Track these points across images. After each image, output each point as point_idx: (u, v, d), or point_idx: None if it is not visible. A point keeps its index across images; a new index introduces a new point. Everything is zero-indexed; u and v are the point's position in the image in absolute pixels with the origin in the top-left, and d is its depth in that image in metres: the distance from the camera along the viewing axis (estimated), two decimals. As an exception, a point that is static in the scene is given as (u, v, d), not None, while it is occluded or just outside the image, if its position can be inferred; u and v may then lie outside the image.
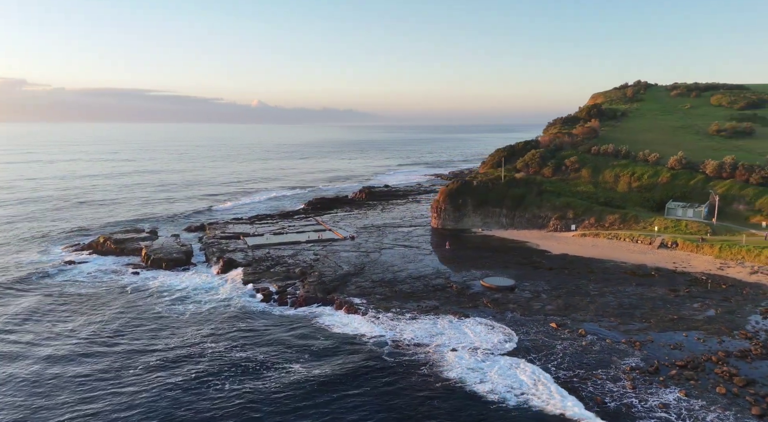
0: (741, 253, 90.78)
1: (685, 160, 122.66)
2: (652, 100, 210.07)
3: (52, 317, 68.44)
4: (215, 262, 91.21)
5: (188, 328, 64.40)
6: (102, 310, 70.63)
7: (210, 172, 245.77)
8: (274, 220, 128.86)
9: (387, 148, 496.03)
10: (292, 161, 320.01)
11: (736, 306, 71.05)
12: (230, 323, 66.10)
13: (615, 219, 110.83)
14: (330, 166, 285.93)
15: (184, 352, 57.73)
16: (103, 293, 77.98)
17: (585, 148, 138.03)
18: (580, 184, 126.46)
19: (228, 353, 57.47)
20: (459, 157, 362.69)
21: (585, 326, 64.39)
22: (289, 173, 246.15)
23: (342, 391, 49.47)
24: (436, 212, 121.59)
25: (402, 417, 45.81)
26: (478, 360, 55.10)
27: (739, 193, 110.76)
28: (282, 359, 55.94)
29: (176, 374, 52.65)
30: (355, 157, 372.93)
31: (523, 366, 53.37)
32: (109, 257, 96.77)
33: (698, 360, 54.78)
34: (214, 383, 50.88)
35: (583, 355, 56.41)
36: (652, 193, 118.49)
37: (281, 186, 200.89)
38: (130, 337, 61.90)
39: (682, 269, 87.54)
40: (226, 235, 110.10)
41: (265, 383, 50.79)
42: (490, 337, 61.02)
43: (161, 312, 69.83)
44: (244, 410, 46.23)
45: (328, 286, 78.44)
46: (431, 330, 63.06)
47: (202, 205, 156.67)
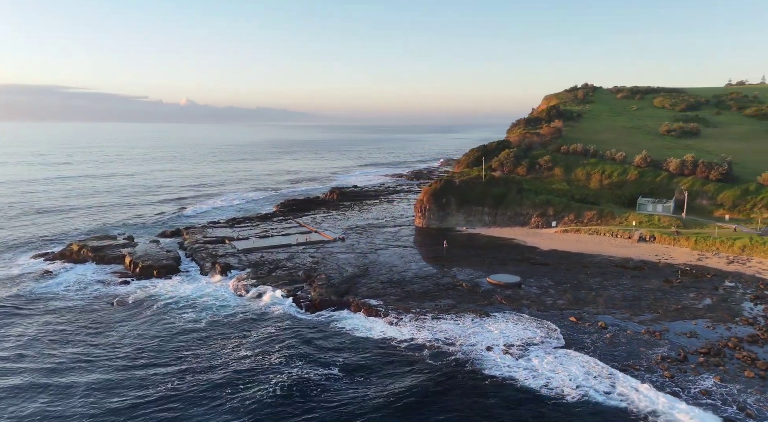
0: (715, 245, 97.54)
1: (650, 159, 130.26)
2: (601, 102, 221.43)
3: (57, 337, 62.62)
4: (210, 268, 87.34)
5: (215, 339, 61.21)
6: (109, 325, 65.77)
7: (162, 175, 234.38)
8: (254, 223, 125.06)
9: (335, 148, 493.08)
10: (246, 163, 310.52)
11: (727, 294, 76.23)
12: (252, 330, 63.68)
13: (593, 215, 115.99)
14: (286, 167, 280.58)
15: (228, 366, 54.86)
16: (99, 305, 72.84)
17: (554, 148, 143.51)
18: (554, 182, 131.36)
19: (270, 363, 55.28)
20: (411, 157, 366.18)
21: (601, 319, 67.00)
22: (247, 175, 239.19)
23: (399, 398, 48.82)
24: (420, 212, 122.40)
25: (461, 418, 45.87)
26: (519, 356, 56.06)
27: (702, 188, 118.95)
28: (325, 372, 54.41)
29: (245, 391, 49.87)
30: (307, 157, 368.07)
31: (567, 360, 54.85)
32: (88, 266, 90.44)
33: (717, 347, 58.39)
34: (284, 398, 48.89)
35: (612, 347, 58.66)
36: (622, 189, 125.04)
37: (244, 188, 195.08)
38: (163, 355, 57.49)
39: (666, 261, 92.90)
40: (209, 240, 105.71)
41: (329, 395, 49.40)
42: (520, 333, 62.22)
43: (175, 322, 66.05)
44: None
45: (338, 289, 77.13)
46: (459, 329, 63.45)
47: (166, 209, 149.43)
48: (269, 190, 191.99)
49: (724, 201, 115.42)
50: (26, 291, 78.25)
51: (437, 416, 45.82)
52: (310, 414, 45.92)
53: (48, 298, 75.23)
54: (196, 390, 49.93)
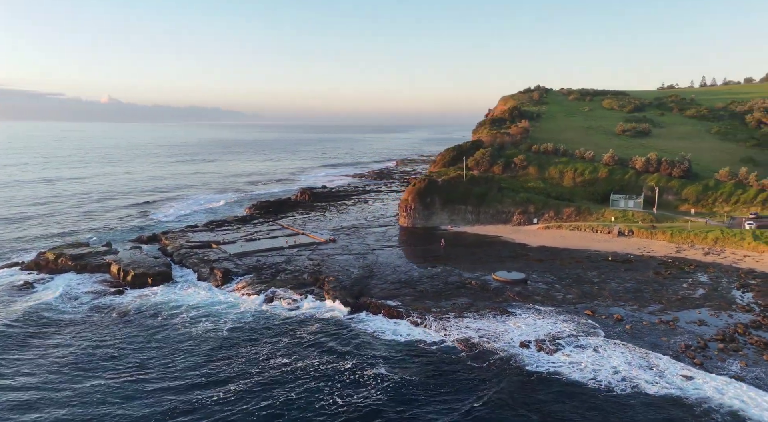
0: (690, 237, 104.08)
1: (617, 157, 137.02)
2: (555, 103, 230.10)
3: (72, 359, 57.30)
4: (209, 274, 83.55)
5: (245, 348, 58.72)
6: (125, 341, 61.46)
7: (109, 179, 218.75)
8: (233, 226, 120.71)
9: (283, 149, 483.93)
10: (196, 164, 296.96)
11: (715, 284, 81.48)
12: (280, 336, 61.58)
13: (571, 212, 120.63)
14: (241, 169, 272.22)
15: (270, 375, 52.85)
16: (100, 317, 67.99)
17: (525, 147, 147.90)
18: (529, 180, 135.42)
19: (315, 369, 53.65)
20: (364, 158, 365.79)
21: (614, 311, 69.91)
22: (204, 177, 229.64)
23: (463, 401, 48.78)
24: (405, 211, 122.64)
25: (518, 415, 46.43)
26: (553, 350, 57.43)
27: (667, 184, 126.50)
28: (374, 373, 53.47)
29: (275, 398, 48.13)
30: (258, 158, 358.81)
31: (603, 352, 56.76)
32: (70, 276, 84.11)
33: (729, 334, 62.36)
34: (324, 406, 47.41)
35: (636, 338, 61.20)
36: (594, 187, 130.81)
37: (207, 191, 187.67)
38: (200, 371, 54.06)
39: (649, 254, 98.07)
40: (195, 245, 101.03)
41: (371, 395, 48.48)
42: (547, 328, 63.78)
43: (193, 332, 62.78)
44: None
45: (351, 290, 76.03)
46: (485, 327, 64.22)
47: (130, 214, 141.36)
48: (233, 191, 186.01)
49: (688, 196, 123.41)
50: (13, 306, 71.73)
51: (497, 415, 46.15)
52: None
53: (41, 313, 69.31)
54: (253, 403, 47.75)
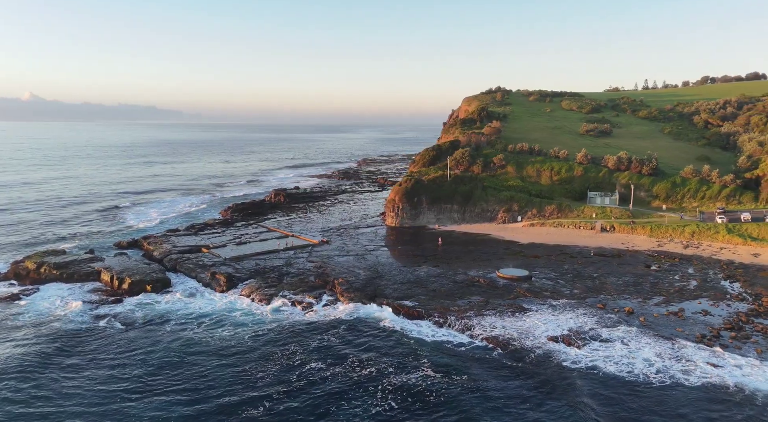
0: (668, 232, 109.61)
1: (590, 156, 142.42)
2: (517, 104, 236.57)
3: (94, 371, 54.02)
4: (210, 279, 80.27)
5: (274, 355, 56.80)
6: (144, 352, 58.08)
7: (65, 183, 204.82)
8: (217, 230, 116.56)
9: (236, 149, 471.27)
10: (155, 166, 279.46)
11: (703, 275, 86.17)
12: (307, 341, 60.02)
13: (552, 209, 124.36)
14: (201, 170, 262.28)
15: (309, 381, 51.37)
16: (107, 329, 63.97)
17: (501, 146, 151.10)
18: (508, 179, 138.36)
19: (356, 373, 52.59)
20: (323, 158, 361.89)
21: (622, 304, 72.58)
22: (166, 179, 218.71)
23: (513, 401, 49.16)
24: (393, 211, 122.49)
25: (562, 411, 47.33)
26: (582, 345, 58.99)
27: (638, 182, 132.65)
28: (420, 375, 53.08)
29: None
30: (215, 159, 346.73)
31: (630, 344, 58.76)
32: (57, 285, 78.74)
33: (734, 322, 66.16)
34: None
35: (653, 330, 63.58)
36: (571, 184, 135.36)
37: (175, 194, 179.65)
38: (226, 381, 51.81)
39: (633, 249, 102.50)
40: (184, 249, 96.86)
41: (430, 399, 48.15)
42: (568, 323, 65.39)
43: (213, 342, 60.03)
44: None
45: (365, 292, 75.14)
46: (508, 325, 65.13)
47: (99, 219, 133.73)
48: (199, 194, 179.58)
49: (659, 193, 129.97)
50: (10, 320, 66.30)
51: (553, 414, 46.84)
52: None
53: (43, 324, 64.50)
54: (305, 413, 46.32)
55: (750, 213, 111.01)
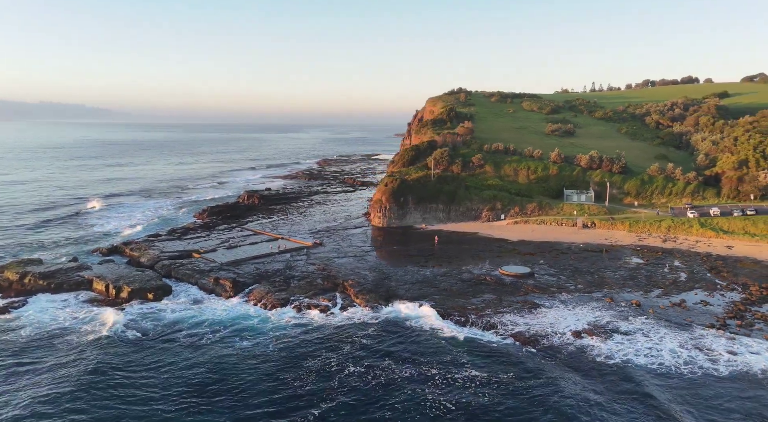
0: (646, 227, 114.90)
1: (563, 155, 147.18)
2: (480, 105, 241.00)
3: (116, 385, 50.45)
4: (213, 285, 76.92)
5: (305, 363, 55.10)
6: (165, 365, 54.81)
7: (11, 189, 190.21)
8: (201, 234, 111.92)
9: (185, 150, 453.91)
10: (105, 170, 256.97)
11: (689, 267, 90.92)
12: (340, 345, 58.68)
13: (534, 207, 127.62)
14: (157, 173, 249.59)
15: (346, 388, 50.19)
16: (120, 340, 59.94)
17: (476, 146, 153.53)
18: (487, 178, 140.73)
19: (387, 378, 51.79)
20: (281, 158, 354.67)
21: (626, 297, 75.38)
22: (123, 183, 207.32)
23: (564, 397, 49.86)
24: (380, 211, 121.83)
25: (604, 405, 48.71)
26: (606, 338, 60.74)
27: (610, 179, 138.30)
28: (465, 376, 52.92)
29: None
30: (167, 161, 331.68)
31: (651, 336, 60.98)
32: (46, 296, 73.25)
33: (735, 311, 70.10)
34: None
35: (665, 321, 66.27)
36: (547, 183, 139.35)
37: (137, 197, 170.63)
38: (265, 392, 49.78)
39: (618, 244, 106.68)
40: (173, 255, 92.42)
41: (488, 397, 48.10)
42: (586, 317, 67.21)
43: (236, 352, 57.51)
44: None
45: (379, 293, 74.33)
46: (529, 321, 66.19)
47: (66, 226, 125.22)
48: (163, 197, 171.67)
49: (630, 190, 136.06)
50: (10, 337, 61.00)
51: (607, 409, 47.91)
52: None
53: (46, 338, 59.70)
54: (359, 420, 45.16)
55: (719, 208, 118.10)
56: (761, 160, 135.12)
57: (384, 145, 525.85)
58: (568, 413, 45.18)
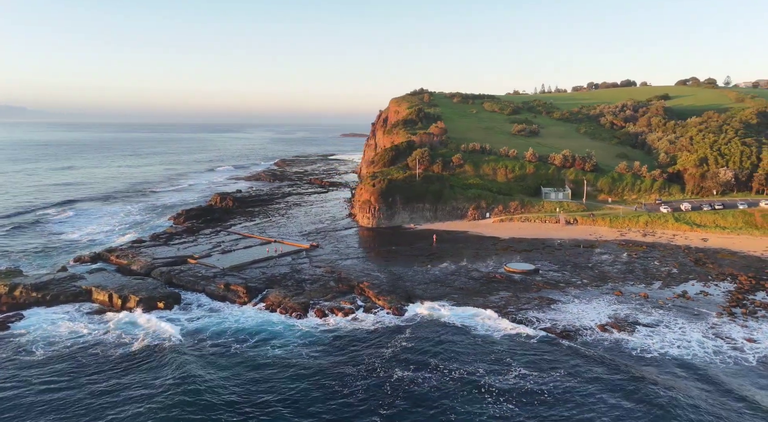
0: (625, 222, 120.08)
1: (537, 154, 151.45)
2: (443, 106, 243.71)
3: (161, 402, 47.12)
4: (225, 291, 73.61)
5: (349, 369, 53.73)
6: (208, 379, 51.78)
7: None
8: (186, 238, 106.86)
9: (126, 150, 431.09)
10: (49, 173, 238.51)
11: (673, 259, 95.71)
12: (377, 350, 57.69)
13: (516, 205, 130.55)
14: (106, 175, 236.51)
15: (399, 392, 49.33)
16: (145, 351, 56.18)
17: (453, 146, 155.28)
18: (468, 177, 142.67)
19: (438, 380, 51.42)
20: (237, 160, 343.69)
21: (633, 290, 78.47)
22: (73, 187, 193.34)
23: (618, 390, 51.13)
24: (369, 212, 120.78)
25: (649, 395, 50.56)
26: (631, 331, 62.91)
27: (584, 177, 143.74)
28: (514, 374, 53.20)
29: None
30: (112, 162, 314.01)
31: (676, 328, 63.63)
32: (41, 309, 67.82)
33: (735, 300, 74.41)
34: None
35: (680, 312, 69.31)
36: (525, 181, 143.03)
37: (95, 201, 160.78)
38: (321, 401, 48.30)
39: (602, 239, 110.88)
40: (168, 261, 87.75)
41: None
42: (605, 310, 69.43)
43: (272, 361, 55.37)
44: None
45: (398, 294, 73.68)
46: (552, 316, 67.68)
47: (31, 234, 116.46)
48: (128, 201, 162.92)
49: (603, 187, 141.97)
50: (22, 354, 55.77)
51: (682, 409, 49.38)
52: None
53: (68, 354, 55.07)
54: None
55: (689, 203, 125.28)
56: (719, 158, 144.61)
57: (335, 145, 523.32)
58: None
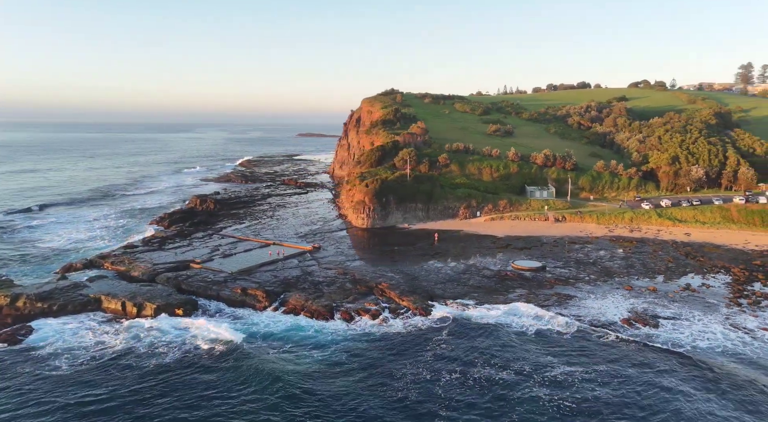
0: (612, 219, 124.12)
1: (520, 154, 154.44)
2: (416, 106, 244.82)
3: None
4: (242, 296, 71.09)
5: (396, 372, 53.05)
6: (262, 393, 49.76)
7: None
8: (179, 242, 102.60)
9: (74, 151, 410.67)
10: (18, 176, 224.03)
11: (665, 254, 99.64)
12: (419, 352, 57.23)
13: (505, 204, 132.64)
14: (64, 177, 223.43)
15: (453, 393, 48.97)
16: (186, 360, 53.50)
17: (437, 146, 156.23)
18: (455, 177, 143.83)
19: (488, 380, 51.52)
20: (200, 160, 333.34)
21: (640, 284, 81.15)
22: (29, 191, 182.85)
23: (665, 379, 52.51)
24: (363, 213, 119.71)
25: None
26: (655, 324, 65.02)
27: (566, 176, 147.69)
28: (568, 371, 53.82)
29: None
30: (62, 165, 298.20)
31: (695, 320, 66.07)
32: (49, 320, 63.53)
33: (737, 290, 78.18)
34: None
35: (693, 304, 71.96)
36: (510, 180, 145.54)
37: (58, 207, 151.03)
38: (388, 407, 47.31)
39: (594, 235, 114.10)
40: (170, 267, 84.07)
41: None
42: (623, 305, 71.59)
43: (321, 369, 54.01)
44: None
45: (419, 294, 73.43)
46: (574, 312, 69.13)
47: (3, 243, 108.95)
48: (95, 204, 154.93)
49: (584, 185, 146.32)
50: (47, 369, 51.91)
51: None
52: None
53: (102, 367, 51.73)
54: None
55: (669, 199, 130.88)
56: (689, 157, 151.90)
57: (296, 145, 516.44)
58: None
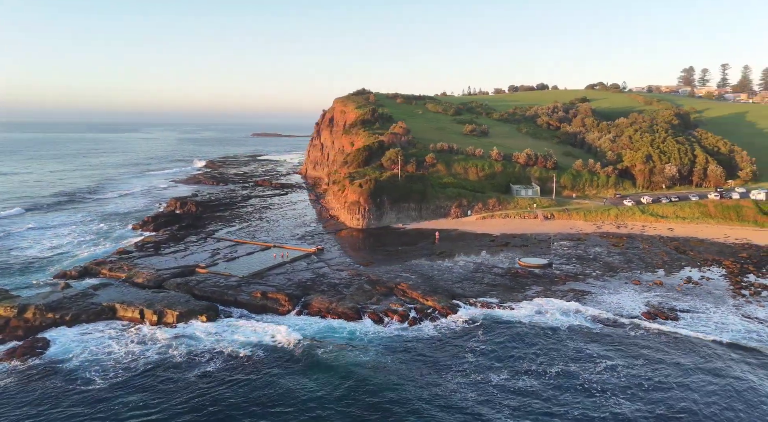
0: (598, 216, 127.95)
1: (502, 153, 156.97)
2: (389, 107, 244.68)
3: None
4: (263, 300, 68.95)
5: (442, 373, 52.77)
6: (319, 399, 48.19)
7: None
8: (174, 247, 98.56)
9: (26, 154, 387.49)
10: None
11: (657, 248, 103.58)
12: (460, 354, 57.21)
13: (494, 202, 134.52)
14: (30, 182, 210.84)
15: (505, 392, 49.17)
16: (227, 368, 51.24)
17: (421, 146, 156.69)
18: (442, 176, 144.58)
19: (534, 378, 52.03)
20: (159, 162, 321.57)
21: (646, 278, 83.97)
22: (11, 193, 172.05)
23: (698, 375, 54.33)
24: (359, 213, 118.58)
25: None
26: (674, 317, 67.41)
27: (547, 175, 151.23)
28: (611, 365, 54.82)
29: None
30: (26, 168, 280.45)
31: (713, 314, 68.64)
32: (64, 330, 59.90)
33: (736, 281, 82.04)
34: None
35: (702, 297, 74.89)
36: (495, 179, 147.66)
37: (38, 210, 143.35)
38: (450, 408, 46.75)
39: (584, 232, 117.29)
40: (176, 272, 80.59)
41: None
42: (638, 298, 73.89)
43: (372, 375, 53.27)
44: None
45: (440, 294, 73.41)
46: (592, 307, 70.79)
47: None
48: (75, 210, 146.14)
49: (565, 183, 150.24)
50: (83, 384, 48.49)
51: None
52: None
53: (139, 379, 48.90)
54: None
55: (649, 196, 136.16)
56: (661, 155, 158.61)
57: (255, 145, 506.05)
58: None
